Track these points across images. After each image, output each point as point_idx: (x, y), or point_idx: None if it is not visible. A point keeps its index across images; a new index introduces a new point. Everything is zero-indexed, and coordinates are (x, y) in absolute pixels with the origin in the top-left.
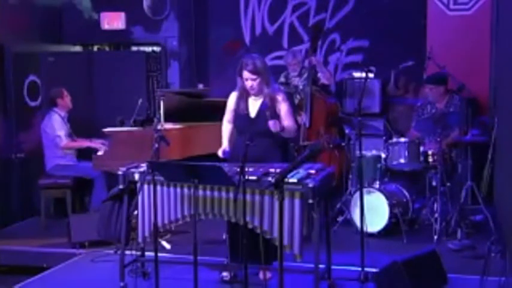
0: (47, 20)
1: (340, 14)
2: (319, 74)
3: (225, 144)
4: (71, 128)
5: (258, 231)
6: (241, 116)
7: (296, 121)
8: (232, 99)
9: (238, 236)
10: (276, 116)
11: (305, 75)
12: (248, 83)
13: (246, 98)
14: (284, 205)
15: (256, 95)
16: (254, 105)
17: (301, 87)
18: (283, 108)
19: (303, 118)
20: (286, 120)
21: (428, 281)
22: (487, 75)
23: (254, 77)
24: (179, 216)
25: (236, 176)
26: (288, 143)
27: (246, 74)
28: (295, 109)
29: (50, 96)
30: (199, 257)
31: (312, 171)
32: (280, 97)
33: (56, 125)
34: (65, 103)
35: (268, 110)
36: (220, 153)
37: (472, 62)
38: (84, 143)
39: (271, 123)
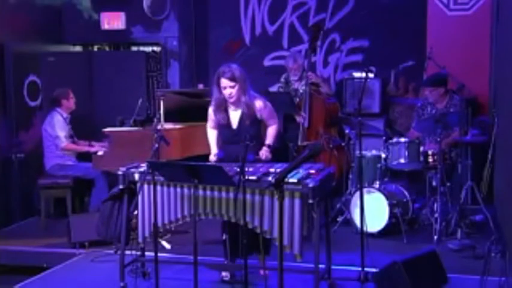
0: (47, 20)
1: (340, 14)
2: (320, 88)
3: (214, 150)
4: (72, 130)
5: (258, 231)
6: (223, 127)
7: (276, 116)
8: (210, 112)
9: (235, 232)
10: (257, 123)
11: (305, 80)
12: (227, 91)
13: (225, 109)
14: (284, 205)
15: (235, 103)
16: (235, 116)
17: (301, 91)
18: (264, 113)
19: (302, 119)
20: (270, 120)
21: (428, 280)
22: (487, 75)
23: (232, 84)
24: (179, 216)
25: (236, 176)
26: (288, 143)
27: (224, 81)
28: (294, 109)
29: (55, 96)
30: (199, 257)
31: (312, 171)
32: (259, 104)
33: (57, 125)
34: (69, 104)
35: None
36: (212, 158)
37: (472, 62)
38: (84, 148)
39: (261, 155)
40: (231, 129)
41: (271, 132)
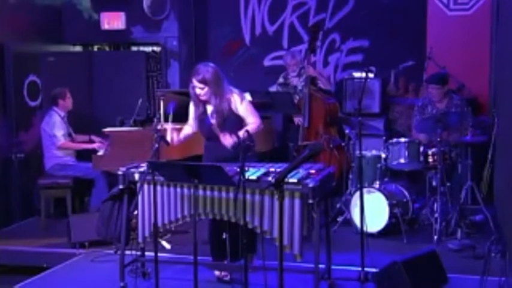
0: (47, 20)
1: (340, 14)
2: (318, 81)
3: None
4: (70, 128)
5: (258, 231)
6: (202, 122)
7: (258, 115)
8: (191, 107)
9: (220, 235)
10: (233, 116)
11: (304, 76)
12: (196, 91)
13: (203, 104)
14: (284, 205)
15: (206, 102)
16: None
17: (300, 87)
18: (241, 108)
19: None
20: (249, 118)
21: (428, 281)
22: (487, 75)
23: (201, 86)
24: (179, 216)
25: (236, 176)
26: (288, 143)
27: (193, 81)
28: (295, 109)
29: (52, 95)
30: (199, 257)
31: (312, 171)
32: (234, 100)
33: (55, 124)
34: (66, 104)
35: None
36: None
37: (472, 62)
38: (82, 145)
39: (223, 139)
40: (210, 123)
41: (250, 126)
